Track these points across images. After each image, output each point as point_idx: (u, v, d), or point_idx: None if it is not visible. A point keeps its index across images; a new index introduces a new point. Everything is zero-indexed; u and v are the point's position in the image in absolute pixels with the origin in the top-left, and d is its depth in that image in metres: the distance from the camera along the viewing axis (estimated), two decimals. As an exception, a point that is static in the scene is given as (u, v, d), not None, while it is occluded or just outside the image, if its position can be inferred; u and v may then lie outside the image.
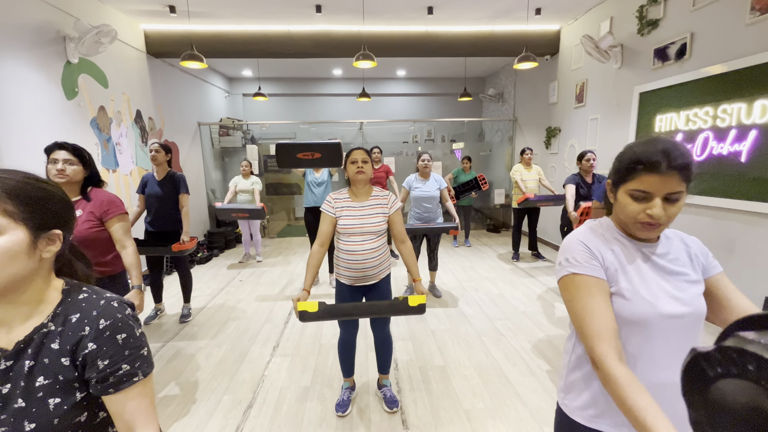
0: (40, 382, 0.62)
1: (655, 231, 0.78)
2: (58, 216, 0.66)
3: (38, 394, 0.61)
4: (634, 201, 0.77)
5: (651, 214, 0.75)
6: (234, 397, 2.16)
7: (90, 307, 0.65)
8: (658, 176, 0.74)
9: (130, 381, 0.64)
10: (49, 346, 0.63)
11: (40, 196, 0.63)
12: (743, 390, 0.30)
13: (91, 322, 0.64)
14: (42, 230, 0.63)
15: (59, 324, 0.64)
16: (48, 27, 3.22)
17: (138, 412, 0.65)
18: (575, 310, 0.78)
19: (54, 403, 0.61)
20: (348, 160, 1.86)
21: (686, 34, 3.12)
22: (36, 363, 0.62)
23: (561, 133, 5.22)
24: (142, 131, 4.57)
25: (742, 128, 2.70)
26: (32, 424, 0.60)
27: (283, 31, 4.84)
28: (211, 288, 4.05)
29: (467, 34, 4.99)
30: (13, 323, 0.63)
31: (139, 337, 0.67)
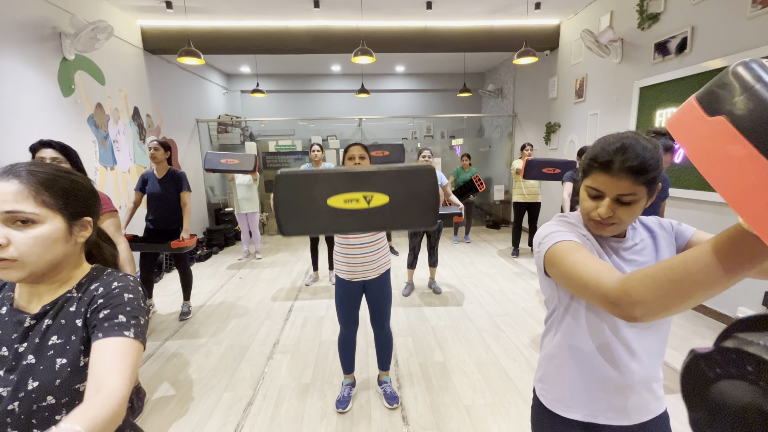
0: (52, 341, 0.66)
1: (607, 229, 0.77)
2: (87, 204, 0.72)
3: (49, 353, 0.65)
4: (588, 198, 0.77)
5: (600, 214, 0.75)
6: (234, 394, 2.16)
7: (110, 279, 0.72)
8: (608, 176, 0.72)
9: (119, 332, 0.65)
10: (68, 309, 0.69)
11: (71, 187, 0.69)
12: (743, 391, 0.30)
13: (106, 285, 0.71)
14: (75, 218, 0.69)
15: (81, 291, 0.71)
16: (44, 23, 3.19)
17: (113, 368, 0.60)
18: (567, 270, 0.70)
19: (60, 363, 0.65)
20: (346, 156, 1.85)
21: (687, 28, 3.10)
22: (54, 322, 0.67)
23: (561, 129, 5.20)
24: (139, 128, 4.55)
25: (742, 123, 2.69)
26: (36, 382, 0.63)
27: (281, 27, 4.81)
28: (211, 285, 4.04)
29: (466, 29, 4.96)
30: (47, 295, 0.70)
31: (142, 307, 0.71)
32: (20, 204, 0.62)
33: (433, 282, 3.75)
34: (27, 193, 0.63)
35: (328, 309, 3.33)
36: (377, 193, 0.70)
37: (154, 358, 2.56)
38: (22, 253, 0.62)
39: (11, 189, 0.62)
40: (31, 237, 0.63)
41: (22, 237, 0.62)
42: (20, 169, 0.64)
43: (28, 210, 0.62)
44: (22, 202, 0.62)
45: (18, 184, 0.63)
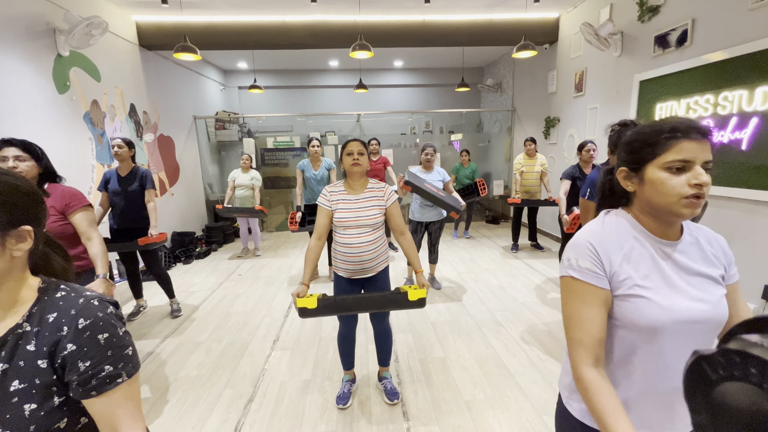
0: (14, 387, 0.58)
1: (699, 206, 0.70)
2: (26, 211, 0.61)
3: (13, 399, 0.57)
4: (672, 174, 0.70)
5: (700, 182, 0.68)
6: (235, 391, 2.16)
7: (68, 306, 0.62)
8: (695, 142, 0.69)
9: (113, 383, 0.61)
10: (24, 347, 0.59)
11: (5, 191, 0.59)
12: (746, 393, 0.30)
13: (69, 321, 0.60)
14: (9, 227, 0.59)
15: (35, 324, 0.61)
16: (37, 19, 3.15)
17: (123, 415, 0.61)
18: (566, 313, 0.78)
19: (30, 409, 0.58)
20: (344, 152, 1.83)
21: (687, 21, 3.08)
22: (10, 366, 0.58)
23: (560, 123, 5.18)
24: (136, 125, 4.52)
25: (743, 116, 2.68)
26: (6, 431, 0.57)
27: (277, 22, 4.76)
28: (210, 283, 4.04)
29: (465, 23, 4.91)
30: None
31: (122, 337, 0.64)
32: None
33: (433, 278, 3.74)
34: None
35: (327, 305, 3.33)
36: None
37: (154, 356, 2.56)
38: None
39: None
40: None
41: None
42: None
43: None
44: None
45: None
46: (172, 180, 5.29)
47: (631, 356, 0.76)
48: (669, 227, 0.76)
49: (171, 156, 5.33)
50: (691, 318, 0.72)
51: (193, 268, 4.61)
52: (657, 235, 0.77)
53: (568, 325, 0.77)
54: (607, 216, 0.82)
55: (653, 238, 0.76)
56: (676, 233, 0.77)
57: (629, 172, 0.77)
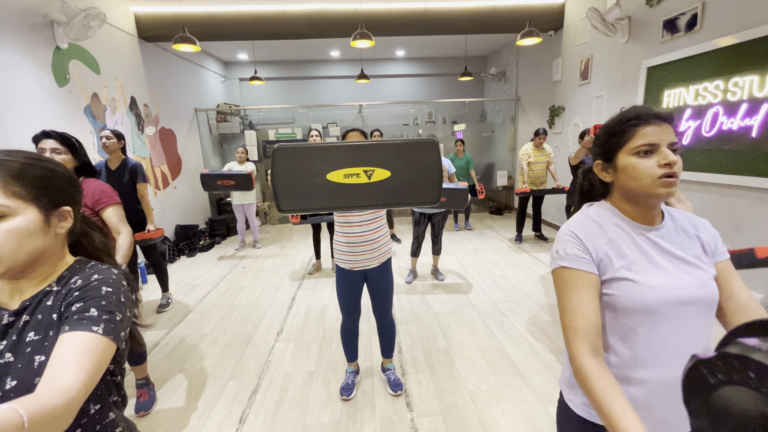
0: (30, 338, 0.63)
1: (674, 185, 0.73)
2: (65, 193, 0.68)
3: (26, 350, 0.62)
4: (641, 158, 0.74)
5: (668, 161, 0.72)
6: (239, 382, 2.18)
7: (91, 272, 0.68)
8: (656, 126, 0.73)
9: (87, 327, 0.59)
10: (45, 303, 0.65)
11: (44, 176, 0.65)
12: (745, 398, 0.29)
13: (85, 278, 0.66)
14: (52, 208, 0.66)
15: (60, 285, 0.67)
16: (34, 11, 3.12)
17: (73, 365, 0.55)
18: (560, 303, 0.79)
19: (39, 361, 0.61)
20: None
21: (697, 4, 2.99)
22: (31, 318, 0.64)
23: (565, 112, 5.10)
24: (137, 118, 4.50)
25: (753, 102, 2.61)
26: (14, 381, 0.59)
27: (277, 11, 4.69)
28: (214, 275, 4.05)
29: (467, 10, 4.82)
30: (28, 290, 0.67)
31: (122, 302, 0.66)
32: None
33: (436, 270, 3.74)
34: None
35: (331, 297, 3.33)
36: (378, 168, 0.68)
37: (159, 348, 2.58)
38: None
39: None
40: (3, 231, 0.59)
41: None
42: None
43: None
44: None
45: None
46: (174, 173, 5.29)
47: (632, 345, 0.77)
48: (649, 212, 0.79)
49: (173, 149, 5.32)
50: (680, 298, 0.73)
51: (197, 260, 4.63)
52: (638, 221, 0.80)
53: (564, 315, 0.78)
54: (589, 208, 0.85)
55: (634, 224, 0.79)
56: (657, 218, 0.80)
57: (604, 163, 0.81)
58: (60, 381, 0.53)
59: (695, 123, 3.05)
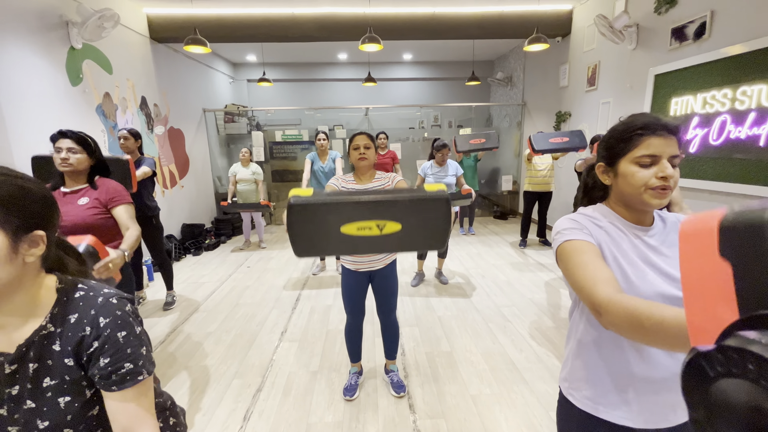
0: (47, 383, 0.61)
1: (666, 196, 0.76)
2: (39, 215, 0.60)
3: (47, 394, 0.61)
4: (641, 168, 0.76)
5: (665, 175, 0.74)
6: (243, 381, 2.20)
7: (88, 306, 0.63)
8: (662, 138, 0.75)
9: (133, 380, 0.63)
10: (50, 347, 0.61)
11: (17, 195, 0.57)
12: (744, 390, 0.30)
13: (91, 321, 0.62)
14: (22, 232, 0.57)
15: (58, 325, 0.62)
16: (51, 12, 3.18)
17: (137, 414, 0.63)
18: (570, 271, 0.76)
19: (65, 402, 0.61)
20: (351, 146, 1.84)
21: (706, 12, 2.99)
22: (40, 365, 0.61)
23: (571, 118, 5.10)
24: (147, 118, 4.56)
25: (762, 111, 2.61)
26: (45, 422, 0.60)
27: (287, 14, 4.75)
28: (219, 274, 4.09)
29: (475, 16, 4.84)
30: (11, 327, 0.61)
31: (138, 335, 0.66)
32: None
33: (440, 272, 3.74)
34: None
35: (335, 298, 3.35)
36: (390, 222, 0.71)
37: (164, 345, 2.61)
38: None
39: None
40: None
41: None
42: None
43: None
44: None
45: None
46: (182, 172, 5.35)
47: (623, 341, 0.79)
48: (642, 216, 0.82)
49: (181, 148, 5.38)
50: (667, 294, 0.75)
51: (203, 259, 4.67)
52: (631, 221, 0.83)
53: (576, 278, 0.73)
54: (585, 209, 0.88)
55: (628, 223, 0.82)
56: (648, 221, 0.83)
57: (606, 167, 0.83)
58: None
59: (702, 131, 3.04)
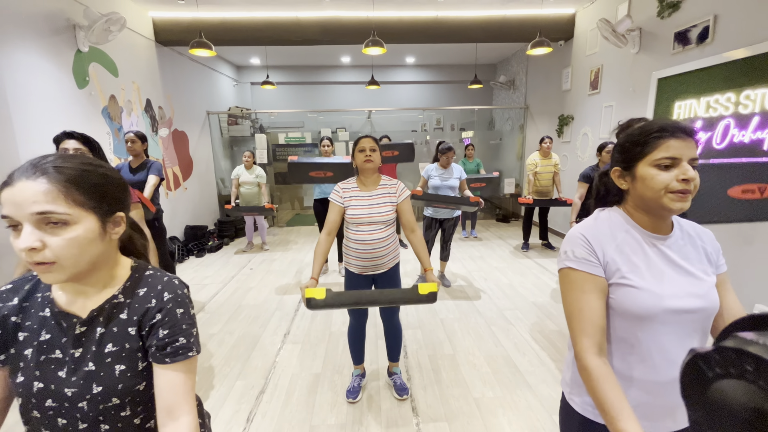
0: (109, 349, 0.67)
1: (687, 200, 0.74)
2: (119, 199, 0.69)
3: (107, 360, 0.66)
4: (660, 171, 0.75)
5: (687, 177, 0.72)
6: (246, 382, 2.20)
7: (155, 282, 0.72)
8: (682, 141, 0.74)
9: (185, 354, 0.68)
10: (118, 315, 0.68)
11: (101, 183, 0.65)
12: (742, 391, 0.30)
13: (156, 294, 0.70)
14: (109, 215, 0.66)
15: (128, 296, 0.70)
16: (58, 15, 3.22)
17: (182, 392, 0.67)
18: (566, 304, 0.81)
19: (119, 369, 0.67)
20: (356, 148, 1.83)
21: (709, 17, 3.00)
22: (106, 330, 0.68)
23: (574, 122, 5.10)
24: (152, 120, 4.59)
25: (765, 115, 2.60)
26: (99, 387, 0.65)
27: (291, 18, 4.78)
28: (222, 276, 4.10)
29: (478, 19, 4.86)
30: (88, 295, 0.69)
31: (192, 316, 0.72)
32: (51, 204, 0.58)
33: (442, 275, 3.74)
34: (57, 192, 0.59)
35: (337, 300, 3.35)
36: None
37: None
38: (58, 255, 0.59)
39: (41, 188, 0.58)
40: (65, 239, 0.59)
41: (56, 240, 0.59)
42: (47, 166, 0.60)
43: (61, 210, 0.58)
44: (53, 202, 0.58)
45: (46, 183, 0.58)
46: (185, 174, 5.38)
47: (632, 347, 0.79)
48: (661, 222, 0.80)
49: (185, 151, 5.41)
50: (682, 307, 0.75)
51: (206, 261, 4.69)
52: (648, 230, 0.81)
53: (570, 316, 0.79)
54: (601, 213, 0.87)
55: (644, 231, 0.81)
56: (667, 228, 0.81)
57: (622, 171, 0.82)
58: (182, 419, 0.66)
59: (706, 135, 3.04)
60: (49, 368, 0.65)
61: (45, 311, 0.68)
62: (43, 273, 0.60)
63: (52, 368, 0.65)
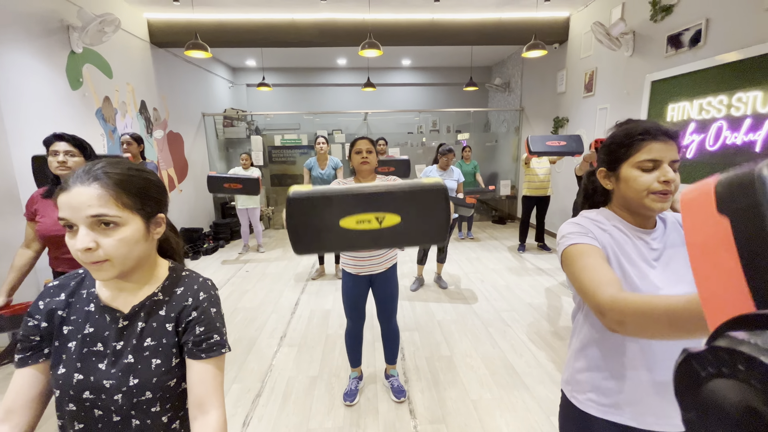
0: (148, 343, 0.71)
1: (668, 200, 0.77)
2: (160, 201, 0.73)
3: (145, 353, 0.70)
4: (643, 172, 0.78)
5: (667, 179, 0.75)
6: (243, 386, 2.19)
7: (191, 282, 0.77)
8: (663, 143, 0.76)
9: (218, 351, 0.73)
10: (158, 312, 0.73)
11: (144, 186, 0.69)
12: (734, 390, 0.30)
13: (193, 293, 0.75)
14: (151, 216, 0.71)
15: (167, 294, 0.74)
16: (52, 16, 3.19)
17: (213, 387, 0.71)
18: (575, 274, 0.76)
19: (155, 363, 0.71)
20: (353, 149, 1.84)
21: (701, 20, 3.04)
22: (146, 325, 0.72)
23: (569, 124, 5.14)
24: (147, 122, 4.56)
25: (757, 117, 2.64)
26: (136, 380, 0.69)
27: (287, 20, 4.78)
28: (218, 279, 4.07)
29: (474, 22, 4.89)
30: (130, 291, 0.73)
31: (222, 315, 0.77)
32: (104, 208, 0.63)
33: (439, 277, 3.74)
34: (108, 196, 0.64)
35: (334, 303, 3.34)
36: (389, 213, 0.72)
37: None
38: (110, 254, 0.64)
39: (95, 193, 0.63)
40: (116, 240, 0.64)
41: (108, 240, 0.64)
42: (98, 172, 0.65)
43: (112, 213, 0.64)
44: (105, 205, 0.63)
45: (99, 188, 0.63)
46: (180, 176, 5.34)
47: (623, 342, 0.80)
48: (644, 219, 0.83)
49: (180, 152, 5.38)
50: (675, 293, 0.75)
51: (201, 263, 4.66)
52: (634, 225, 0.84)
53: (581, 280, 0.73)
54: (588, 212, 0.89)
55: (630, 226, 0.84)
56: (651, 224, 0.85)
57: (608, 171, 0.84)
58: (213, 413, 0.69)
59: (699, 137, 3.08)
60: (90, 360, 0.69)
61: (90, 306, 0.72)
62: (96, 271, 0.65)
63: (93, 360, 0.69)
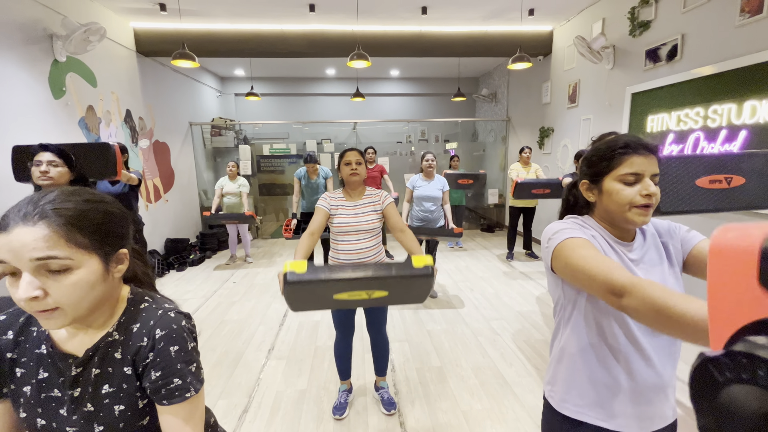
0: (105, 390, 0.64)
1: (649, 214, 0.78)
2: (121, 235, 0.65)
3: (105, 401, 0.64)
4: (625, 186, 0.79)
5: (649, 193, 0.76)
6: (229, 401, 2.13)
7: (148, 317, 0.67)
8: (645, 157, 0.78)
9: (182, 396, 0.65)
10: (113, 355, 0.65)
11: (103, 221, 0.62)
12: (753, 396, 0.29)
13: (149, 332, 0.66)
14: (111, 254, 0.63)
15: (122, 333, 0.66)
16: (35, 25, 3.14)
17: (185, 429, 0.65)
18: (576, 264, 0.73)
19: (119, 410, 0.64)
20: (342, 161, 1.84)
21: (677, 36, 3.16)
22: (101, 371, 0.65)
23: (554, 133, 5.25)
24: (132, 131, 4.49)
25: (732, 128, 2.74)
26: (101, 427, 0.64)
27: (276, 31, 4.80)
28: (204, 290, 3.99)
29: (461, 35, 5.00)
30: (87, 331, 0.66)
31: (190, 351, 0.67)
32: (52, 250, 0.55)
33: (428, 286, 3.74)
34: (57, 237, 0.55)
35: (323, 314, 3.30)
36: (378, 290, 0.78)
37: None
38: (60, 302, 0.56)
39: (41, 234, 0.54)
40: (68, 285, 0.56)
41: (57, 286, 0.56)
42: (46, 208, 0.56)
43: (63, 255, 0.55)
44: (54, 247, 0.55)
45: (46, 228, 0.55)
46: (166, 186, 5.26)
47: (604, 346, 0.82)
48: (624, 232, 0.85)
49: (166, 162, 5.30)
50: None
51: (187, 275, 4.56)
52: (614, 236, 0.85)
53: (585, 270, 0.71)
54: (572, 217, 0.91)
55: (611, 237, 0.85)
56: (630, 236, 0.86)
57: (590, 184, 0.86)
58: None
59: (678, 147, 3.17)
60: (50, 406, 0.63)
61: (41, 348, 0.65)
62: (45, 319, 0.57)
63: (53, 406, 0.63)
